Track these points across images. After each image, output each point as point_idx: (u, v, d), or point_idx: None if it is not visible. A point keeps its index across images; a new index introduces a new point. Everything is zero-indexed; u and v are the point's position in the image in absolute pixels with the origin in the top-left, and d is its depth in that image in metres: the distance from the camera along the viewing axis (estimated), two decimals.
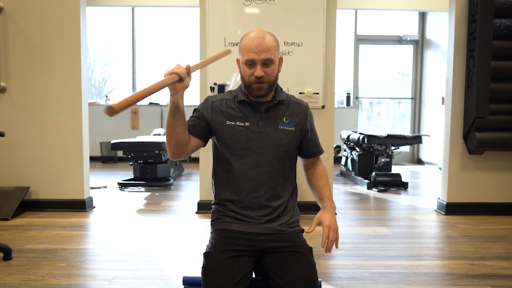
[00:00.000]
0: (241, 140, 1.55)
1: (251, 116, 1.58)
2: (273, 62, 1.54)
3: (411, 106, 8.37)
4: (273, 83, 1.58)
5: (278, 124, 1.59)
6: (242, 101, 1.60)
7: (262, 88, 1.54)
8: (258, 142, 1.56)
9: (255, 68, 1.52)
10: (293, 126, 1.61)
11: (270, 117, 1.59)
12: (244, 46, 1.54)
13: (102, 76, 9.22)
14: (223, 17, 3.86)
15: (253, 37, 1.52)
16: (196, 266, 2.53)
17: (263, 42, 1.51)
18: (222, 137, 1.58)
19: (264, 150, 1.56)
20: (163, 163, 5.41)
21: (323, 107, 3.93)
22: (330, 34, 3.90)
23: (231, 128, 1.57)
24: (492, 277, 2.47)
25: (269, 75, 1.54)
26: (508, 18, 3.72)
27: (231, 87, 3.82)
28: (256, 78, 1.52)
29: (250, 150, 1.55)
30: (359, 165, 5.80)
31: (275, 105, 1.61)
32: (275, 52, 1.55)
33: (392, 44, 8.30)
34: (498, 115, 3.79)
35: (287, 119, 1.61)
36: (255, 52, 1.50)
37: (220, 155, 1.61)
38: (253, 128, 1.57)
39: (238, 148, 1.56)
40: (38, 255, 2.74)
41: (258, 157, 1.55)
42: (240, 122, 1.57)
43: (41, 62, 3.85)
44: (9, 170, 3.91)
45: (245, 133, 1.56)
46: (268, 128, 1.57)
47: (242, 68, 1.56)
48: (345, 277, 2.45)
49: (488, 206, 3.97)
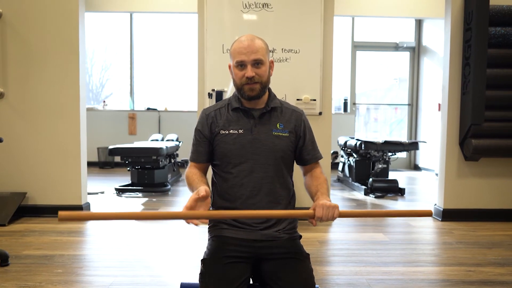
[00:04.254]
0: (235, 147, 1.56)
1: (245, 123, 1.59)
2: (263, 63, 1.55)
3: (408, 112, 8.41)
4: (265, 85, 1.58)
5: (272, 130, 1.59)
6: (235, 108, 1.61)
7: (254, 89, 1.55)
8: (252, 149, 1.56)
9: (246, 69, 1.54)
10: (287, 132, 1.61)
11: (264, 123, 1.60)
12: (234, 49, 1.56)
13: (100, 81, 9.23)
14: (221, 23, 3.88)
15: (242, 40, 1.55)
16: (193, 273, 2.53)
17: (252, 44, 1.53)
18: (218, 146, 1.59)
19: (258, 156, 1.56)
20: (161, 168, 5.41)
21: (320, 114, 3.95)
22: (327, 41, 3.93)
23: (225, 137, 1.58)
24: (488, 283, 2.48)
25: (260, 76, 1.55)
26: (502, 26, 3.76)
27: (229, 93, 3.84)
28: (247, 78, 1.53)
29: (245, 157, 1.56)
30: (356, 171, 5.82)
31: (268, 112, 1.61)
32: (265, 53, 1.57)
33: (389, 51, 8.36)
34: (494, 122, 3.82)
35: (280, 125, 1.61)
36: (245, 54, 1.53)
37: (217, 163, 1.62)
38: (246, 134, 1.57)
39: (233, 156, 1.56)
40: (35, 261, 2.74)
41: (253, 164, 1.56)
42: (233, 130, 1.58)
43: (39, 68, 3.86)
44: (6, 176, 3.91)
45: (239, 140, 1.56)
46: (262, 135, 1.58)
47: (234, 72, 1.59)
48: (342, 283, 2.46)
49: (484, 212, 3.99)
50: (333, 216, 1.40)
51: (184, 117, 7.80)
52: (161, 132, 7.77)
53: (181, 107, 8.23)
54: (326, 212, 1.39)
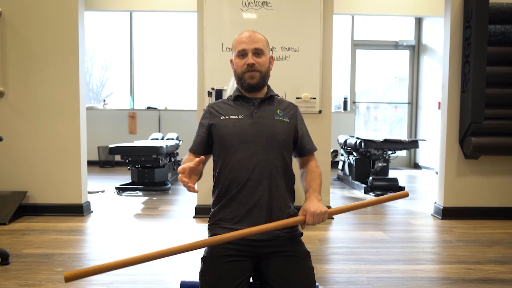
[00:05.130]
0: (235, 131, 1.58)
1: (245, 109, 1.63)
2: (263, 53, 1.62)
3: (407, 110, 8.41)
4: (264, 75, 1.64)
5: (274, 114, 1.63)
6: (236, 97, 1.67)
7: (254, 76, 1.60)
8: (253, 132, 1.57)
9: (247, 58, 1.60)
10: (287, 118, 1.65)
11: (264, 109, 1.64)
12: (236, 41, 1.65)
13: (100, 81, 9.22)
14: (220, 22, 3.88)
15: (244, 33, 1.64)
16: (193, 271, 2.53)
17: (253, 35, 1.62)
18: (218, 131, 1.60)
19: (260, 139, 1.57)
20: (161, 167, 5.42)
21: (320, 112, 3.95)
22: (327, 39, 3.93)
23: (225, 121, 1.61)
24: (489, 281, 2.49)
25: (260, 65, 1.61)
26: (502, 24, 3.76)
27: (229, 91, 3.84)
28: (248, 66, 1.59)
29: (245, 140, 1.56)
30: (356, 170, 5.82)
31: (268, 99, 1.67)
32: (265, 46, 1.64)
33: (389, 49, 8.35)
34: (494, 120, 3.82)
35: (281, 111, 1.66)
36: (246, 43, 1.60)
37: (217, 151, 1.62)
38: (247, 119, 1.60)
39: (233, 139, 1.57)
40: (35, 260, 2.74)
41: (254, 147, 1.56)
42: (234, 115, 1.62)
43: (39, 67, 3.86)
44: (7, 175, 3.91)
45: (239, 124, 1.59)
46: (263, 119, 1.61)
47: (235, 62, 1.64)
48: (342, 282, 2.46)
49: (484, 210, 3.99)
50: (322, 220, 1.48)
51: (184, 116, 7.80)
52: (161, 131, 7.77)
53: (181, 106, 8.23)
54: (316, 219, 1.47)
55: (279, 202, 1.56)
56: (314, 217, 1.46)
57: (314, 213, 1.46)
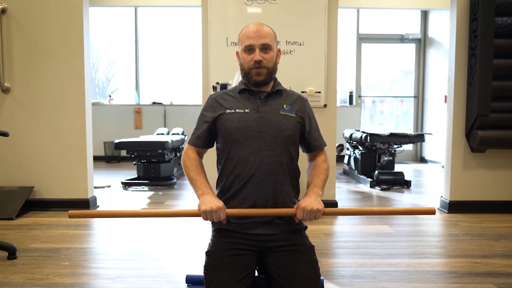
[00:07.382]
0: (240, 125, 1.55)
1: (251, 102, 1.60)
2: (271, 48, 1.57)
3: (414, 104, 8.36)
4: (271, 71, 1.59)
5: (279, 109, 1.60)
6: (242, 90, 1.63)
7: (261, 73, 1.56)
8: (258, 127, 1.55)
9: (254, 54, 1.55)
10: (294, 113, 1.62)
11: (270, 104, 1.60)
12: (243, 34, 1.59)
13: (105, 76, 9.25)
14: (225, 16, 3.87)
15: (251, 26, 1.58)
16: (199, 265, 2.54)
17: (260, 29, 1.56)
18: (223, 125, 1.58)
19: (265, 134, 1.55)
20: (167, 162, 5.43)
21: (325, 106, 3.93)
22: (332, 33, 3.91)
23: (231, 115, 1.58)
24: (495, 275, 2.47)
25: (267, 61, 1.57)
26: (509, 16, 3.71)
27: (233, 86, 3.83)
28: (255, 62, 1.55)
29: (251, 135, 1.54)
30: (362, 164, 5.80)
31: (274, 93, 1.63)
32: (273, 39, 1.59)
33: (395, 43, 8.30)
34: (500, 113, 3.78)
35: (287, 106, 1.62)
36: (253, 38, 1.55)
37: (222, 144, 1.60)
38: (253, 113, 1.57)
39: (238, 133, 1.55)
40: (42, 254, 2.76)
41: (259, 142, 1.54)
42: (239, 109, 1.58)
43: (45, 63, 3.87)
44: (13, 170, 3.94)
45: (244, 119, 1.56)
46: (269, 114, 1.58)
47: (242, 56, 1.59)
48: (347, 275, 2.46)
49: (491, 204, 3.97)
50: (314, 218, 1.48)
51: (190, 111, 7.80)
52: (166, 126, 7.79)
53: (187, 101, 8.24)
54: (307, 215, 1.47)
55: (283, 198, 1.55)
56: (304, 212, 1.47)
57: (304, 209, 1.47)
